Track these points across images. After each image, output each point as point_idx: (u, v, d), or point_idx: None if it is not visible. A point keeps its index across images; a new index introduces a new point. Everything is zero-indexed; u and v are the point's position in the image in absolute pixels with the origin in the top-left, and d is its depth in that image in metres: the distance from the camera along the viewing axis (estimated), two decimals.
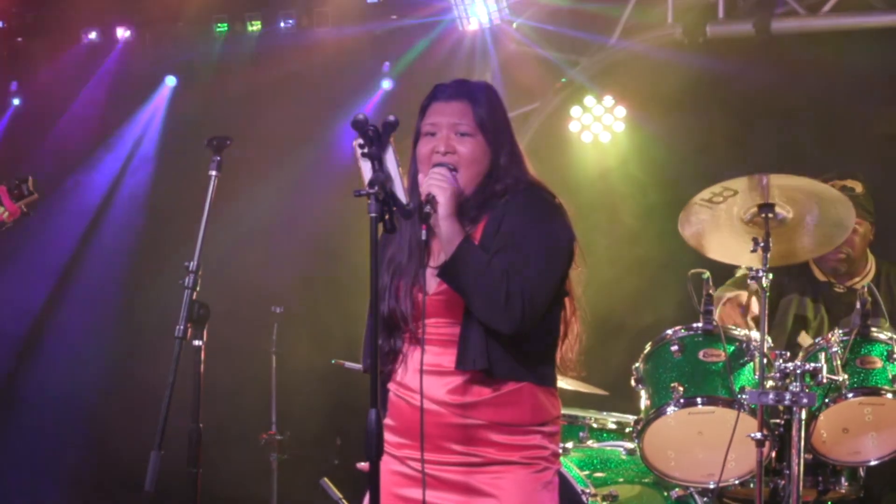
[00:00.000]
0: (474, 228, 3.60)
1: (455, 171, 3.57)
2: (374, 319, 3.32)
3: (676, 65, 7.58)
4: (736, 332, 5.13)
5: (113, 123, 9.15)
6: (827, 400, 4.98)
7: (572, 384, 5.43)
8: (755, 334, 5.04)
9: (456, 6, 7.89)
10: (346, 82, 8.68)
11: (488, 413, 3.55)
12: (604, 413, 5.91)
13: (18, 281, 8.88)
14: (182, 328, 3.78)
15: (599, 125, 8.10)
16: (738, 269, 5.79)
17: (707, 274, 5.12)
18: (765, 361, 4.91)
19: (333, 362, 6.31)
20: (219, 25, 8.73)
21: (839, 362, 5.01)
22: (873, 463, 5.10)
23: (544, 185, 3.71)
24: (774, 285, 5.18)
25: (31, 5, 8.86)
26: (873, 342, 5.10)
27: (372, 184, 3.25)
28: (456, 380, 3.55)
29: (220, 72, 8.86)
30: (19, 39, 9.06)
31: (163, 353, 3.93)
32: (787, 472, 4.93)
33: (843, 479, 5.20)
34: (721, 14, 7.58)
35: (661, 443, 5.13)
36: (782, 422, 5.04)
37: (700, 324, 5.12)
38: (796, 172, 4.98)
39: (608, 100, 8.05)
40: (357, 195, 3.27)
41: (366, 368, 3.71)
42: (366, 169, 3.29)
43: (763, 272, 4.85)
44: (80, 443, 8.95)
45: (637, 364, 5.26)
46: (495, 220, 3.59)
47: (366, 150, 3.28)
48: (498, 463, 3.56)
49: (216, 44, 8.81)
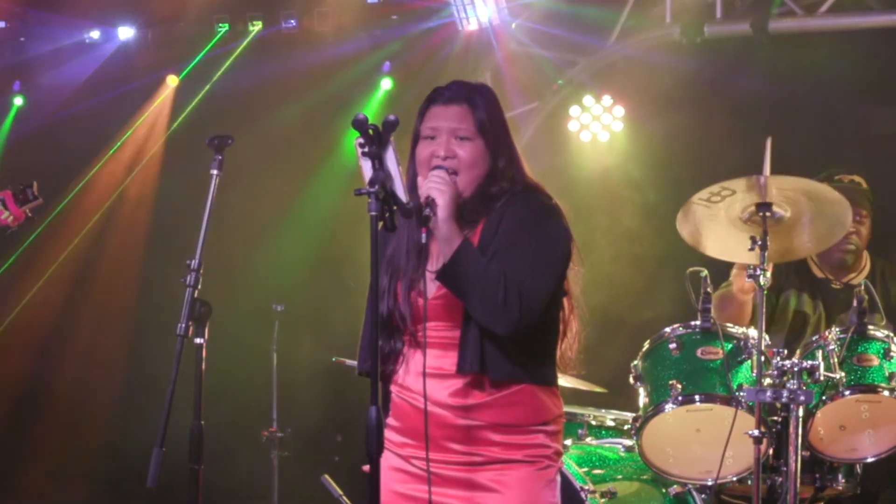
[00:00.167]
0: (472, 231, 3.60)
1: (455, 175, 3.57)
2: (375, 317, 3.33)
3: (674, 64, 7.58)
4: (734, 330, 5.14)
5: (115, 123, 9.14)
6: (824, 397, 4.99)
7: (571, 382, 5.43)
8: (753, 332, 5.04)
9: (456, 6, 7.90)
10: (347, 82, 8.68)
11: (490, 414, 3.57)
12: (602, 410, 5.90)
13: (22, 280, 8.90)
14: (184, 326, 3.74)
15: (598, 124, 8.10)
16: (733, 270, 5.79)
17: (705, 272, 5.13)
18: (762, 359, 4.93)
19: (334, 360, 6.27)
20: (220, 25, 8.73)
21: (836, 360, 5.03)
22: (870, 460, 5.12)
23: (541, 187, 3.71)
24: (772, 282, 5.20)
25: (34, 5, 8.83)
26: (870, 340, 5.11)
27: (372, 182, 3.26)
28: (457, 382, 3.57)
29: (222, 71, 8.86)
30: (22, 39, 9.05)
31: (165, 351, 3.93)
32: (785, 469, 4.92)
33: (840, 476, 5.21)
34: (719, 14, 7.59)
35: (660, 440, 5.14)
36: (780, 419, 5.06)
37: (698, 322, 5.13)
38: (794, 172, 4.98)
39: (607, 99, 8.06)
40: (357, 194, 3.28)
41: (361, 371, 3.73)
42: (366, 168, 3.29)
43: (761, 270, 4.85)
44: (86, 439, 8.96)
45: (635, 362, 5.27)
46: (493, 223, 3.59)
47: (366, 150, 3.28)
48: (501, 462, 3.57)
49: (217, 43, 8.82)
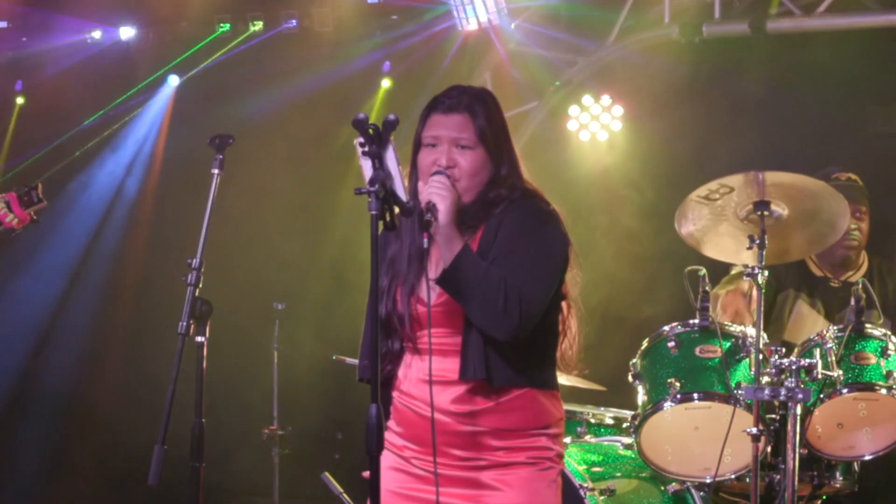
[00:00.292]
0: (472, 237, 3.60)
1: (456, 182, 3.57)
2: (374, 317, 3.33)
3: (673, 64, 7.58)
4: (732, 329, 5.15)
5: (116, 122, 9.14)
6: (822, 395, 5.00)
7: (570, 380, 5.42)
8: (751, 330, 5.05)
9: (455, 6, 7.90)
10: (347, 81, 8.69)
11: (493, 420, 3.58)
12: (601, 408, 5.92)
13: (24, 278, 8.91)
14: (185, 324, 3.76)
15: (597, 124, 8.09)
16: (734, 267, 5.81)
17: (703, 271, 5.14)
18: (760, 357, 4.94)
19: (335, 358, 6.29)
20: (221, 25, 8.74)
21: (834, 358, 5.04)
22: (868, 458, 5.12)
23: (539, 193, 3.72)
24: (770, 281, 5.21)
25: (36, 5, 8.84)
26: (867, 338, 5.12)
27: (372, 182, 3.25)
28: (459, 389, 3.58)
29: (223, 71, 8.88)
30: (24, 39, 9.05)
31: (166, 350, 3.94)
32: (783, 467, 4.96)
33: (838, 474, 5.22)
34: (717, 14, 7.57)
35: (658, 438, 5.15)
36: (778, 417, 5.07)
37: (696, 320, 5.14)
38: (792, 170, 4.99)
39: (606, 99, 8.05)
40: (358, 193, 3.27)
41: (362, 378, 3.73)
42: (366, 167, 3.29)
43: (759, 269, 4.86)
44: (87, 437, 8.96)
45: (634, 360, 5.28)
46: (492, 229, 3.60)
47: (366, 149, 3.28)
48: (504, 465, 3.60)
49: (218, 43, 8.83)
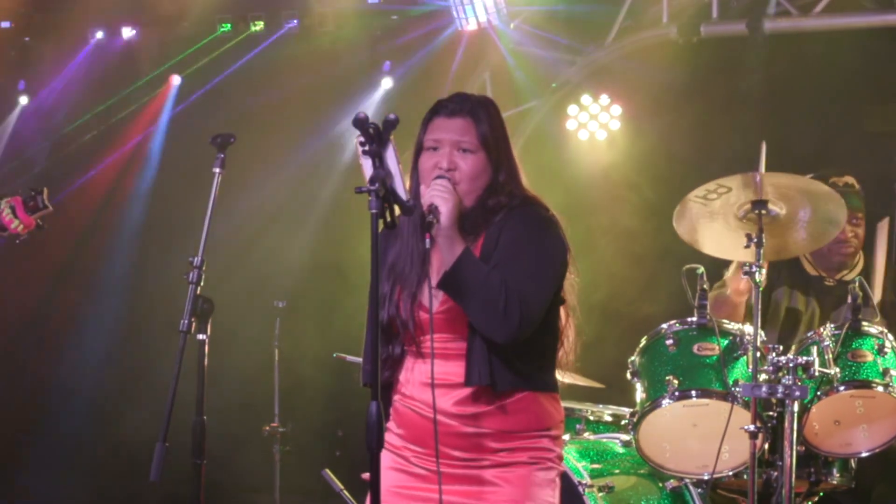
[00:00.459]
0: (473, 243, 3.62)
1: (457, 185, 3.59)
2: (375, 316, 3.34)
3: (671, 64, 7.60)
4: (730, 326, 5.16)
5: (118, 121, 9.18)
6: (819, 393, 5.00)
7: (569, 377, 5.44)
8: (748, 328, 5.06)
9: (455, 6, 7.92)
10: (348, 81, 8.71)
11: (495, 422, 3.61)
12: (600, 406, 5.92)
13: (26, 276, 8.92)
14: (186, 322, 3.78)
15: (596, 123, 8.12)
16: (726, 271, 5.82)
17: (701, 269, 5.15)
18: (758, 355, 4.94)
19: (335, 356, 6.30)
20: (223, 25, 8.77)
21: (831, 356, 5.03)
22: (864, 454, 5.12)
23: (539, 199, 3.75)
24: (766, 280, 5.22)
25: (38, 5, 8.87)
26: (864, 336, 5.12)
27: (373, 180, 3.26)
28: (462, 392, 3.61)
29: (224, 70, 8.89)
30: (26, 39, 9.08)
31: (168, 347, 3.95)
32: (780, 464, 4.95)
33: (835, 471, 5.22)
34: (715, 14, 7.60)
35: (657, 435, 5.16)
36: (775, 414, 5.05)
37: (695, 318, 5.15)
38: (789, 170, 5.01)
39: (604, 98, 8.07)
40: (358, 191, 3.29)
41: (365, 383, 3.71)
42: (367, 166, 3.31)
43: (756, 267, 4.87)
44: (89, 434, 8.99)
45: (633, 357, 5.28)
46: (493, 236, 3.62)
47: (366, 148, 3.29)
48: (505, 465, 3.62)
49: (220, 43, 8.86)
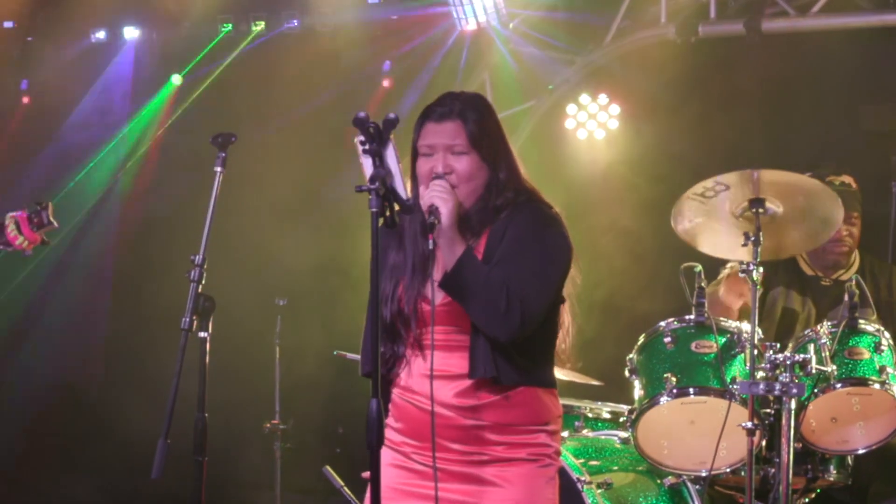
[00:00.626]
0: (477, 242, 3.64)
1: (454, 188, 3.61)
2: (375, 314, 3.36)
3: (669, 63, 7.59)
4: (727, 324, 5.17)
5: (121, 120, 9.19)
6: (816, 390, 5.02)
7: (568, 375, 5.44)
8: (746, 326, 5.07)
9: (454, 6, 7.93)
10: (347, 80, 8.71)
11: (494, 415, 3.62)
12: (598, 403, 5.93)
13: (28, 275, 8.95)
14: (188, 320, 3.77)
15: (594, 122, 8.11)
16: (723, 269, 5.85)
17: (699, 267, 5.16)
18: (755, 353, 4.95)
19: (336, 353, 6.30)
20: (224, 25, 8.78)
21: (828, 353, 5.05)
22: (861, 451, 5.15)
23: (542, 197, 3.76)
24: (762, 279, 5.24)
25: (41, 5, 8.90)
26: (861, 334, 5.14)
27: (373, 179, 3.28)
28: (462, 384, 3.61)
29: (225, 70, 8.91)
30: (29, 39, 9.11)
31: (170, 345, 3.94)
32: (777, 461, 4.98)
33: (832, 468, 5.25)
34: (713, 14, 7.60)
35: (655, 432, 5.18)
36: (772, 411, 5.08)
37: (692, 316, 5.16)
38: (786, 168, 5.02)
39: (603, 98, 8.06)
40: (358, 190, 3.31)
41: (364, 373, 3.75)
42: (367, 165, 3.33)
43: (754, 266, 4.89)
44: (91, 431, 8.97)
45: (631, 355, 5.30)
46: (497, 233, 3.63)
47: (366, 147, 3.31)
48: (505, 460, 3.63)
49: (221, 43, 8.87)
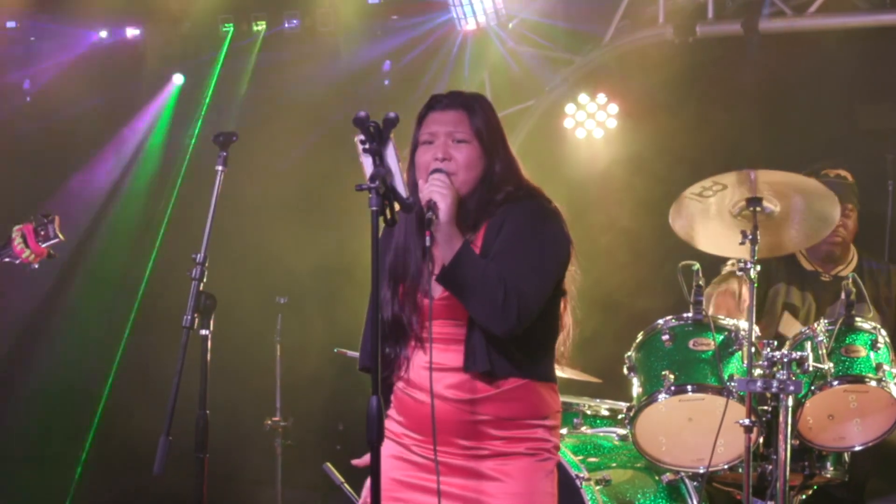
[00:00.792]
0: (475, 235, 3.65)
1: (453, 176, 3.63)
2: (375, 311, 3.37)
3: (667, 63, 7.59)
4: (725, 322, 5.17)
5: (123, 119, 9.21)
6: (813, 388, 5.04)
7: (567, 372, 5.47)
8: (743, 324, 5.09)
9: (454, 7, 7.96)
10: (348, 80, 8.71)
11: (493, 409, 3.62)
12: (597, 400, 5.94)
13: (31, 273, 8.95)
14: (189, 318, 3.80)
15: (593, 122, 8.12)
16: (724, 266, 5.88)
17: (697, 265, 5.18)
18: (753, 350, 4.97)
19: (336, 351, 6.30)
20: (225, 25, 8.81)
21: (825, 351, 5.07)
22: (858, 448, 5.17)
23: (541, 192, 3.77)
24: (762, 275, 5.25)
25: (44, 5, 8.91)
26: (858, 331, 5.16)
27: (373, 178, 3.30)
28: (460, 377, 3.62)
29: (226, 70, 8.93)
30: (32, 39, 9.13)
31: (171, 343, 3.96)
32: (775, 458, 4.99)
33: (829, 464, 5.27)
34: (710, 14, 7.62)
35: (653, 429, 5.19)
36: (770, 409, 5.11)
37: (690, 314, 5.18)
38: (784, 167, 5.04)
39: (601, 97, 8.07)
40: (358, 189, 3.32)
41: (362, 367, 3.80)
42: (367, 164, 3.34)
43: (751, 264, 4.90)
44: (94, 428, 8.99)
45: (629, 353, 5.31)
46: (495, 227, 3.64)
47: (367, 146, 3.33)
48: (504, 454, 3.64)
49: (222, 43, 8.89)
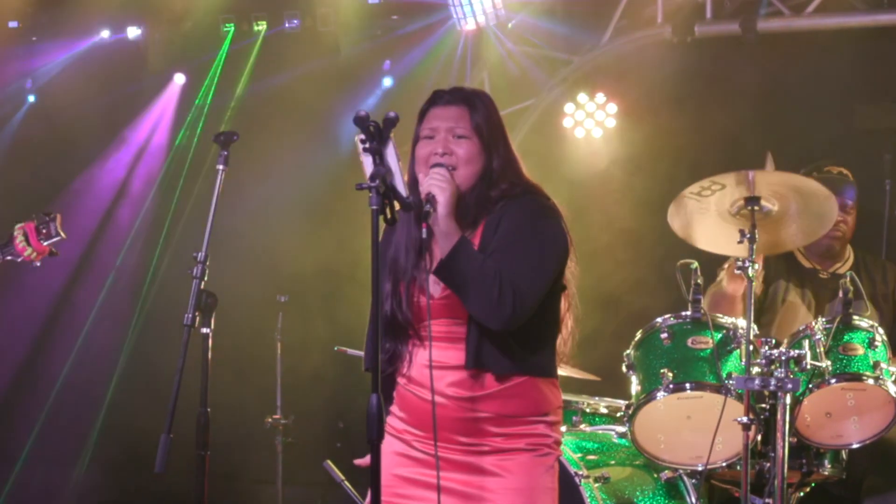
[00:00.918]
0: (473, 232, 3.67)
1: (453, 170, 3.65)
2: (376, 308, 3.39)
3: (666, 63, 7.62)
4: (723, 320, 5.18)
5: (124, 119, 9.23)
6: (811, 385, 5.03)
7: (566, 370, 5.46)
8: (742, 322, 5.09)
9: (454, 7, 7.97)
10: (348, 79, 8.75)
11: (493, 406, 3.64)
12: (596, 398, 5.96)
13: (34, 272, 8.95)
14: (190, 316, 3.82)
15: (592, 121, 8.13)
16: (721, 271, 5.89)
17: (695, 264, 5.19)
18: (751, 348, 4.99)
19: (336, 349, 6.35)
20: (226, 25, 8.83)
21: (822, 349, 5.07)
22: (855, 446, 5.17)
23: (540, 189, 3.79)
24: (763, 273, 5.26)
25: (46, 6, 8.95)
26: (855, 330, 5.16)
27: (373, 177, 3.32)
28: (461, 375, 3.65)
29: (227, 69, 8.96)
30: (34, 38, 9.15)
31: (173, 341, 3.97)
32: (773, 455, 4.99)
33: (827, 462, 5.27)
34: (709, 14, 7.63)
35: (652, 426, 5.20)
36: (768, 406, 5.11)
37: (689, 312, 5.18)
38: (782, 167, 5.09)
39: (600, 97, 8.08)
40: (359, 188, 3.34)
41: (368, 367, 3.74)
42: (367, 163, 3.37)
43: (749, 262, 4.92)
44: (96, 426, 9.02)
45: (628, 351, 5.33)
46: (493, 224, 3.66)
47: (367, 146, 3.35)
48: (504, 451, 3.66)
49: (223, 43, 8.91)
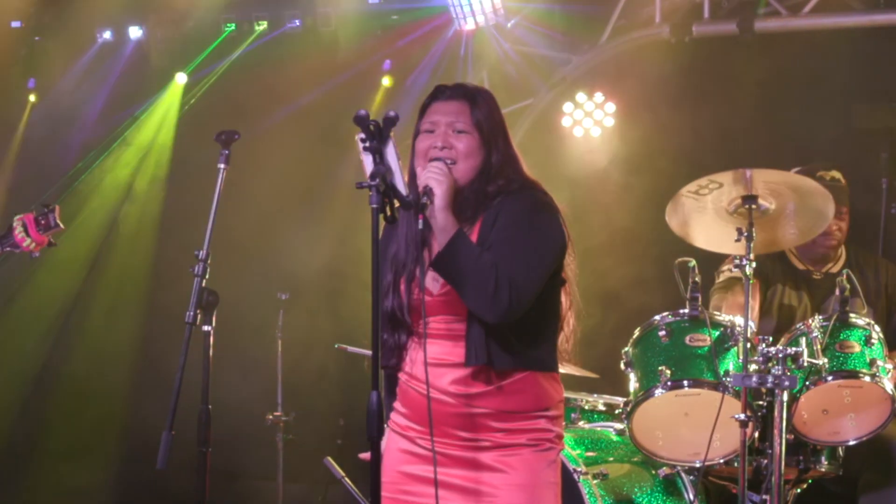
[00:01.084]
0: (471, 228, 3.68)
1: (453, 164, 3.67)
2: (376, 305, 3.41)
3: (664, 63, 7.64)
4: (721, 318, 5.21)
5: (126, 118, 9.26)
6: (807, 383, 5.07)
7: (565, 368, 5.38)
8: (739, 320, 5.11)
9: (453, 6, 8.00)
10: (348, 79, 8.75)
11: (494, 402, 3.64)
12: (594, 395, 5.99)
13: (37, 271, 8.99)
14: (192, 314, 3.83)
15: (591, 120, 8.15)
16: (720, 274, 5.92)
17: (693, 262, 5.20)
18: (748, 346, 5.01)
19: (337, 347, 6.30)
20: (227, 25, 8.85)
21: (819, 347, 5.09)
22: (852, 443, 5.21)
23: (538, 184, 3.79)
24: (759, 275, 5.28)
25: (48, 6, 8.97)
26: (852, 327, 5.19)
27: (373, 176, 3.33)
28: (461, 372, 3.65)
29: (229, 69, 8.98)
30: (37, 39, 9.19)
31: (174, 338, 3.97)
32: (770, 452, 5.02)
33: (823, 459, 5.30)
34: (706, 14, 7.67)
35: (650, 423, 5.22)
36: (765, 404, 5.12)
37: (686, 310, 5.20)
38: (779, 166, 5.08)
39: (599, 96, 8.11)
40: (359, 187, 3.36)
41: (384, 366, 3.79)
42: (367, 162, 3.38)
43: (747, 260, 4.93)
44: (97, 423, 9.04)
45: (626, 348, 5.35)
46: (490, 219, 3.66)
47: (367, 145, 3.37)
48: (505, 446, 3.66)
49: (224, 42, 8.93)
